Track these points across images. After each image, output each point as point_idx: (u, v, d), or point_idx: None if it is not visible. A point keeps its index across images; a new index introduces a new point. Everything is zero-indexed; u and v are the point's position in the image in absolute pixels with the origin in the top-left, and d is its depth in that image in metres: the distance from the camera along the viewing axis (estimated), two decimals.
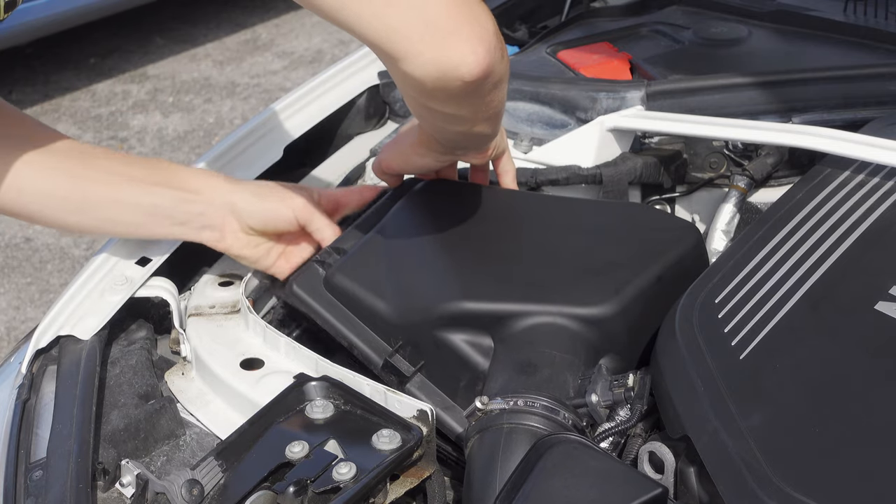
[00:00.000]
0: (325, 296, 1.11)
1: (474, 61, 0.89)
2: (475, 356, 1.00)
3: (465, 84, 0.91)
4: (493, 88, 0.96)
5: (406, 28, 0.88)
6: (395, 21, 0.87)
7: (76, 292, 1.17)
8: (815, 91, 1.33)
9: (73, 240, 3.47)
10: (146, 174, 1.14)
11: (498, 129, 1.14)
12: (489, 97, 0.98)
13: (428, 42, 0.88)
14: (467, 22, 0.89)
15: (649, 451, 0.92)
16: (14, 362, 1.16)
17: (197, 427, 1.07)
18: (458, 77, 0.90)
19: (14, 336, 3.00)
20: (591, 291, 1.02)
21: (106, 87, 4.67)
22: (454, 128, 1.07)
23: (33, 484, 0.95)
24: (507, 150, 1.26)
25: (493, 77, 0.93)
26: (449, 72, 0.89)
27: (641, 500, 0.77)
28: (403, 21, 0.87)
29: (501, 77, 0.96)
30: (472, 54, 0.89)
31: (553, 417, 0.90)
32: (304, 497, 0.88)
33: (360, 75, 1.58)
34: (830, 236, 1.03)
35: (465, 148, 1.17)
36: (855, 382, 0.87)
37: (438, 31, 0.88)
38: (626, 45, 1.60)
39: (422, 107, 1.01)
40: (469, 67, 0.89)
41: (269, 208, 1.16)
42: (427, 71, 0.89)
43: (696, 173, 1.38)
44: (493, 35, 0.91)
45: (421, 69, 0.89)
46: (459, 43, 0.88)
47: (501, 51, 0.93)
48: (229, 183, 1.17)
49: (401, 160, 1.21)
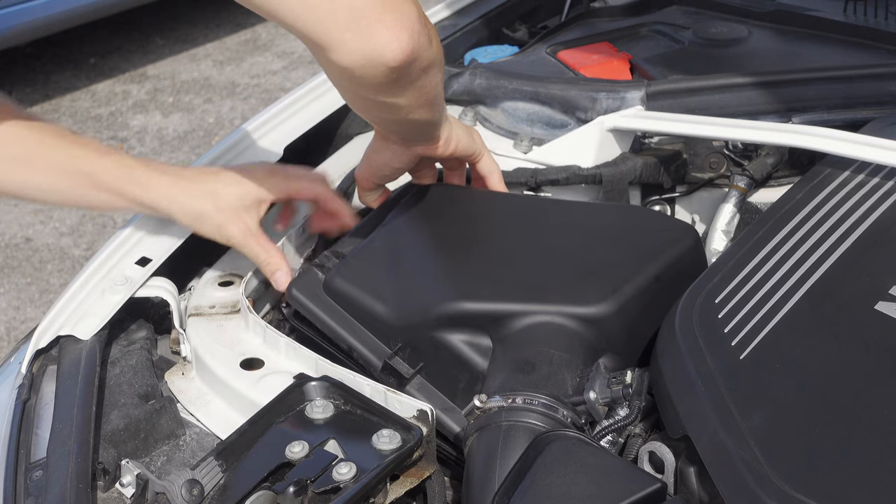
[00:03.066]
0: (324, 299, 1.11)
1: (398, 48, 0.92)
2: (474, 356, 1.01)
3: (390, 70, 0.94)
4: (423, 73, 0.99)
5: (332, 18, 0.91)
6: (321, 11, 0.90)
7: (76, 292, 1.17)
8: (815, 91, 1.33)
9: (73, 240, 3.47)
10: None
11: (439, 116, 1.16)
12: (420, 82, 1.01)
13: (353, 30, 0.91)
14: (390, 10, 0.92)
15: (649, 451, 0.92)
16: (14, 362, 1.16)
17: (197, 427, 1.07)
18: (383, 63, 0.93)
19: (14, 336, 3.00)
20: (589, 291, 1.02)
21: (106, 87, 4.67)
22: (392, 116, 1.09)
23: (33, 484, 0.95)
24: (486, 151, 1.27)
25: (420, 62, 0.96)
26: (375, 58, 0.93)
27: (640, 495, 0.77)
28: (329, 11, 0.90)
29: (431, 62, 0.99)
30: (396, 41, 0.92)
31: (552, 415, 0.90)
32: (304, 497, 0.88)
33: None
34: (830, 236, 1.03)
35: (414, 139, 1.19)
36: (855, 382, 0.87)
37: (363, 20, 0.91)
38: (626, 45, 1.60)
39: (356, 97, 1.05)
40: (393, 54, 0.92)
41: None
42: (353, 59, 0.93)
43: (696, 173, 1.38)
44: (417, 21, 0.94)
45: (347, 57, 0.93)
46: (383, 30, 0.91)
47: (428, 36, 0.96)
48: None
49: (365, 166, 1.24)
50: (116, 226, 3.49)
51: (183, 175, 1.19)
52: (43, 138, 1.18)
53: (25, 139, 1.17)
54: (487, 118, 1.49)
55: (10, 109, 1.19)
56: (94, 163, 1.17)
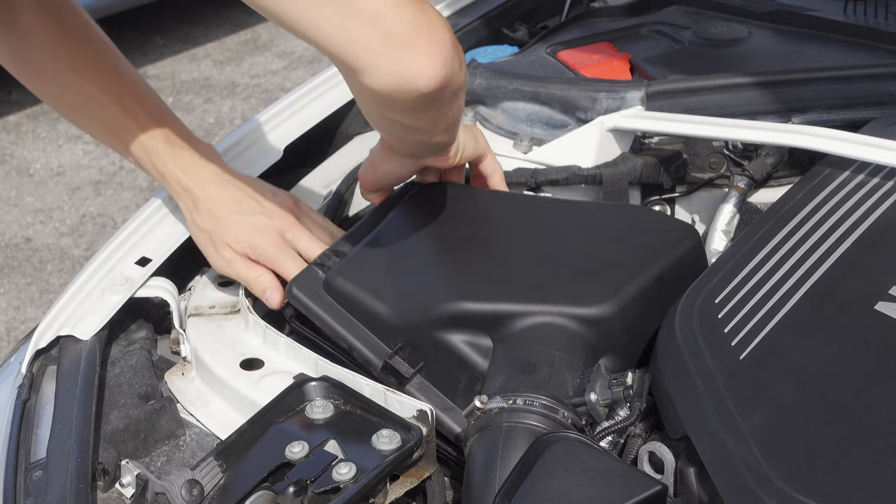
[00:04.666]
0: (324, 298, 1.11)
1: (431, 74, 0.92)
2: (474, 357, 1.01)
3: (422, 95, 0.93)
4: (452, 98, 0.99)
5: (365, 41, 0.90)
6: (354, 34, 0.90)
7: (76, 292, 1.17)
8: (815, 91, 1.33)
9: (72, 240, 3.48)
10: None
11: (455, 136, 1.16)
12: (447, 107, 1.01)
13: (387, 55, 0.90)
14: (424, 35, 0.91)
15: (649, 452, 0.92)
16: (14, 362, 1.16)
17: (197, 427, 1.07)
18: (415, 89, 0.92)
19: (14, 336, 3.00)
20: (590, 291, 1.02)
21: None
22: (413, 137, 1.09)
23: (33, 484, 0.95)
24: (489, 151, 1.27)
25: (450, 88, 0.95)
26: (407, 84, 0.92)
27: (641, 497, 0.77)
28: (363, 34, 0.89)
29: (459, 87, 0.99)
30: (429, 66, 0.91)
31: (552, 416, 0.90)
32: (304, 497, 0.88)
33: None
34: (830, 236, 1.03)
35: (426, 155, 1.20)
36: (855, 382, 0.87)
37: (397, 45, 0.90)
38: (626, 45, 1.60)
39: (381, 118, 1.04)
40: (426, 80, 0.92)
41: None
42: (385, 83, 0.92)
43: (696, 173, 1.38)
44: (450, 47, 0.93)
45: (379, 81, 0.92)
46: (417, 56, 0.91)
47: (459, 61, 0.96)
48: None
49: (370, 171, 1.23)
50: (116, 226, 3.49)
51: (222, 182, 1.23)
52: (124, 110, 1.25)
53: (108, 108, 1.25)
54: (487, 118, 1.49)
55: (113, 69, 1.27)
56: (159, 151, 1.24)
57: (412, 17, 0.91)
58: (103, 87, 1.24)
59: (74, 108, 1.29)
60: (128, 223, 1.27)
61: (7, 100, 4.53)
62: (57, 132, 4.25)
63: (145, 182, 3.79)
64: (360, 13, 0.89)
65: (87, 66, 1.25)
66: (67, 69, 1.24)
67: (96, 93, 1.25)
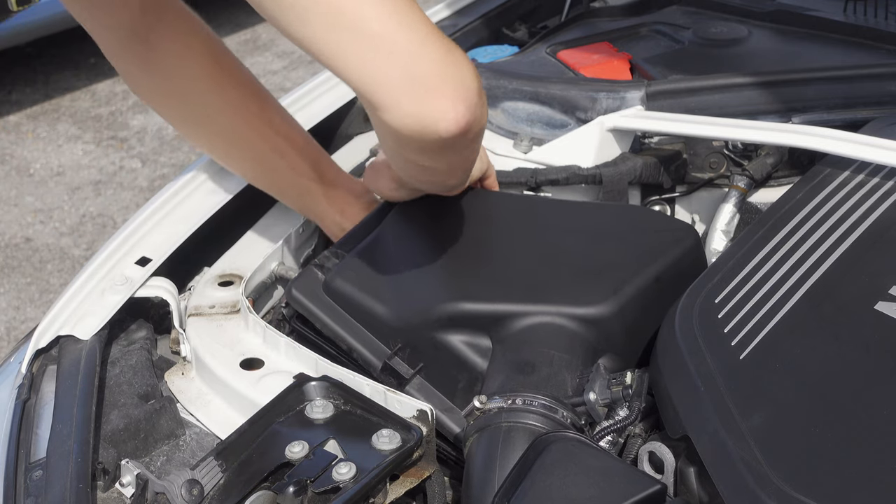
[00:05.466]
0: (324, 299, 1.11)
1: (454, 119, 0.89)
2: (473, 357, 1.01)
3: (441, 139, 0.91)
4: (472, 142, 0.98)
5: (389, 79, 0.87)
6: (376, 70, 0.87)
7: (76, 292, 1.17)
8: (815, 91, 1.33)
9: (73, 240, 3.48)
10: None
11: (467, 177, 1.16)
12: (467, 151, 1.00)
13: (410, 95, 0.88)
14: (451, 78, 0.89)
15: (649, 451, 0.92)
16: (14, 362, 1.16)
17: (197, 427, 1.07)
18: (435, 132, 0.90)
19: (14, 336, 3.00)
20: (589, 291, 1.02)
21: (106, 87, 4.66)
22: (429, 178, 1.10)
23: (33, 484, 0.95)
24: (491, 167, 1.28)
25: (472, 132, 0.94)
26: (428, 126, 0.90)
27: (640, 496, 0.77)
28: (385, 71, 0.87)
29: (480, 131, 0.98)
30: (453, 111, 0.89)
31: (551, 416, 0.90)
32: (304, 497, 0.88)
33: None
34: (830, 236, 1.03)
35: (435, 191, 1.20)
36: (855, 382, 0.87)
37: (421, 86, 0.88)
38: (626, 45, 1.60)
39: (398, 156, 1.03)
40: (448, 124, 0.90)
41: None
42: (406, 123, 0.90)
43: (696, 173, 1.38)
44: (476, 94, 0.91)
45: (400, 121, 0.90)
46: (441, 100, 0.88)
47: (482, 107, 0.94)
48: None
49: (374, 189, 1.24)
50: (116, 226, 3.49)
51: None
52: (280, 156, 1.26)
53: (268, 156, 1.25)
54: (488, 118, 1.49)
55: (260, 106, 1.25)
56: (313, 192, 1.27)
57: (439, 57, 0.88)
58: (254, 128, 1.23)
59: (226, 151, 1.28)
60: (128, 223, 1.27)
61: (7, 100, 4.53)
62: (57, 132, 4.25)
63: (145, 182, 3.79)
64: (385, 48, 0.86)
65: (239, 108, 1.23)
66: (221, 111, 1.23)
67: (249, 134, 1.23)
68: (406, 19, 0.87)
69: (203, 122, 1.25)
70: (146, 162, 3.95)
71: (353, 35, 0.86)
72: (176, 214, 1.29)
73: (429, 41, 0.88)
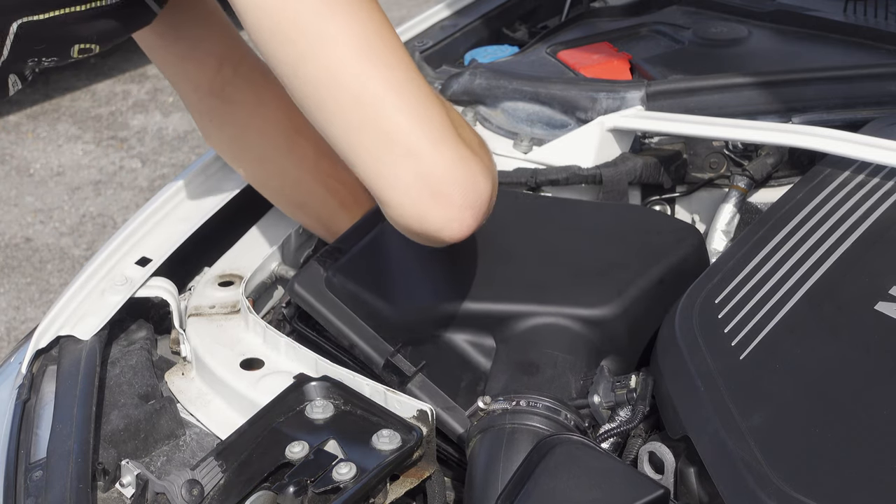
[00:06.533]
0: (326, 295, 1.11)
1: (459, 227, 0.85)
2: (477, 356, 1.00)
3: (444, 242, 0.88)
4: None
5: (394, 176, 0.83)
6: (383, 167, 0.83)
7: (76, 292, 1.17)
8: (815, 91, 1.33)
9: (72, 239, 3.48)
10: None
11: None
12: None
13: (413, 196, 0.83)
14: (461, 185, 0.84)
15: (649, 452, 0.92)
16: (14, 362, 1.16)
17: (197, 427, 1.07)
18: (439, 238, 0.86)
19: (14, 336, 3.00)
20: (594, 292, 1.02)
21: (106, 87, 4.66)
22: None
23: (33, 484, 0.95)
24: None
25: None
26: (430, 231, 0.85)
27: (643, 501, 0.77)
28: (392, 169, 0.83)
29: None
30: (458, 220, 0.84)
31: (555, 418, 0.90)
32: (304, 497, 0.88)
33: None
34: (830, 236, 1.03)
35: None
36: (855, 382, 0.87)
37: (427, 188, 0.83)
38: (626, 45, 1.60)
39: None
40: (452, 232, 0.85)
41: None
42: (407, 223, 0.86)
43: (696, 173, 1.38)
44: (487, 199, 0.86)
45: (401, 220, 0.86)
46: (448, 207, 0.83)
47: (490, 207, 0.89)
48: None
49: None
50: (116, 226, 3.49)
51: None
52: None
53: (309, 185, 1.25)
54: (487, 118, 1.49)
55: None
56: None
57: (450, 161, 0.83)
58: (317, 177, 1.22)
59: (291, 198, 1.27)
60: (128, 223, 1.27)
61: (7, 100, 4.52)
62: (57, 132, 4.25)
63: (145, 182, 3.79)
64: (395, 146, 0.82)
65: (303, 159, 1.22)
66: (295, 165, 1.22)
67: (312, 184, 1.23)
68: (424, 118, 0.83)
69: (274, 173, 1.24)
70: (146, 162, 3.94)
71: (367, 128, 0.82)
72: (176, 214, 1.29)
73: (443, 142, 0.83)
